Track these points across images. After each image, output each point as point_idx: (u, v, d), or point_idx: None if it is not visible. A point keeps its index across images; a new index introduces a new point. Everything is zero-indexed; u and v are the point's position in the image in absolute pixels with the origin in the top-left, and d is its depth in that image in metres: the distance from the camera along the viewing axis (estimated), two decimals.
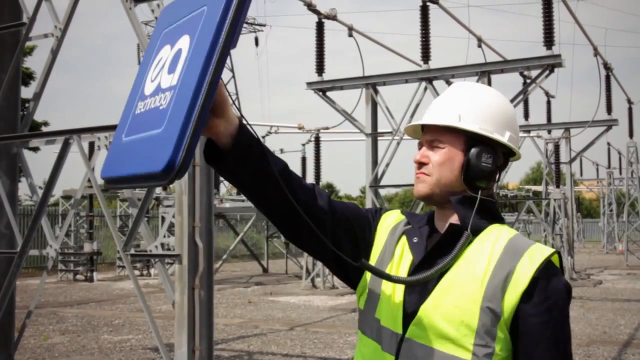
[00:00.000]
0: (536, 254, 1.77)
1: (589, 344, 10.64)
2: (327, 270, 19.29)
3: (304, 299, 17.08)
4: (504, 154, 1.94)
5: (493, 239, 1.82)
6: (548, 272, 1.75)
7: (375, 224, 2.03)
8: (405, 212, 2.06)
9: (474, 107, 1.92)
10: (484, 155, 1.88)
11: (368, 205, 15.13)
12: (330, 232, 1.89)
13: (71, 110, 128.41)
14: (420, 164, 1.92)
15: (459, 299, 1.75)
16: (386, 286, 1.88)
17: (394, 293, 1.86)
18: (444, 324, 1.74)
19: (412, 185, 1.99)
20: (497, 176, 1.94)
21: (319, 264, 19.14)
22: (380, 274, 1.78)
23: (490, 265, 1.76)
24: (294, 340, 11.19)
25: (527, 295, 1.73)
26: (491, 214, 1.90)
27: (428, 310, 1.78)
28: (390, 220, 2.03)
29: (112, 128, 6.74)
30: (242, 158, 1.70)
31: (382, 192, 15.07)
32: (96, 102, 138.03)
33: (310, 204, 1.85)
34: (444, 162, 1.89)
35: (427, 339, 1.76)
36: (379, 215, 2.06)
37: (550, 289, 1.75)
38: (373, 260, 1.96)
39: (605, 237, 42.57)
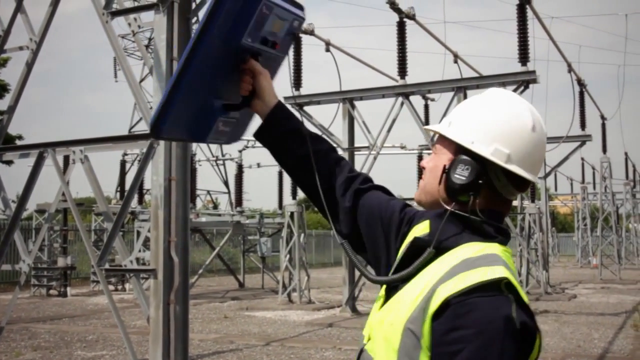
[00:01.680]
0: (469, 277, 1.59)
1: (564, 358, 10.70)
2: (303, 285, 19.24)
3: (280, 314, 17.01)
4: (507, 172, 1.76)
5: (451, 258, 1.69)
6: (469, 300, 1.55)
7: (404, 232, 1.98)
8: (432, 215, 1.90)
9: (468, 115, 1.83)
10: (459, 167, 1.76)
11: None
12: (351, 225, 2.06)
13: (46, 124, 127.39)
14: (423, 169, 1.91)
15: (394, 317, 1.68)
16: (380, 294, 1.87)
17: (377, 302, 1.85)
18: (381, 341, 1.70)
19: None
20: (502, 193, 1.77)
21: (296, 279, 19.09)
22: (358, 268, 1.84)
23: (428, 284, 1.65)
24: (270, 356, 11.13)
25: (436, 319, 1.58)
26: (478, 231, 1.75)
27: (375, 324, 1.75)
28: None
29: (87, 142, 6.70)
30: (272, 134, 2.11)
31: None
32: (72, 115, 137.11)
33: (337, 194, 2.06)
34: (432, 170, 1.84)
35: (374, 352, 1.73)
36: (409, 224, 1.99)
37: (464, 319, 1.54)
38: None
39: (580, 252, 42.94)
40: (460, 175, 1.76)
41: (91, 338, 13.07)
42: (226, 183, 38.87)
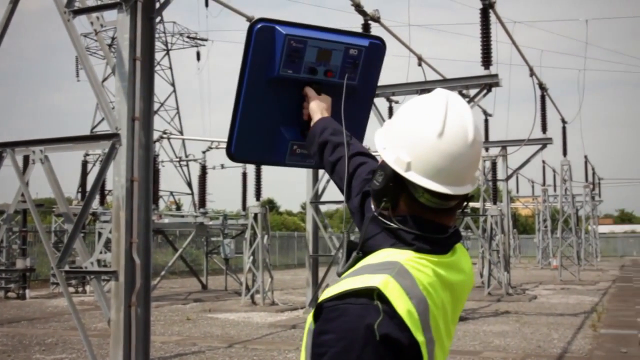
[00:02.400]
0: (347, 283, 1.61)
1: (524, 358, 10.84)
2: (267, 287, 19.19)
3: (243, 316, 16.94)
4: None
5: (365, 260, 1.72)
6: (340, 305, 1.58)
7: None
8: None
9: (392, 120, 1.84)
10: (378, 172, 1.79)
11: (309, 221, 15.16)
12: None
13: (5, 124, 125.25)
14: None
15: (309, 317, 1.70)
16: None
17: None
18: (303, 339, 1.73)
19: None
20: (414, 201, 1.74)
21: (259, 280, 19.03)
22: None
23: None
24: (232, 358, 11.07)
25: (315, 322, 1.63)
26: (397, 237, 1.74)
27: (309, 316, 1.77)
28: None
29: (47, 142, 6.60)
30: (311, 147, 2.39)
31: (323, 208, 15.13)
32: (32, 115, 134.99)
33: (352, 194, 2.17)
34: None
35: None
36: None
37: (331, 324, 1.57)
38: None
39: (540, 253, 43.57)
40: (376, 180, 1.79)
41: (50, 341, 12.87)
42: (189, 184, 38.67)
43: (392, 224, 1.75)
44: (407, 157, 1.71)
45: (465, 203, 1.81)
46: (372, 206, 1.83)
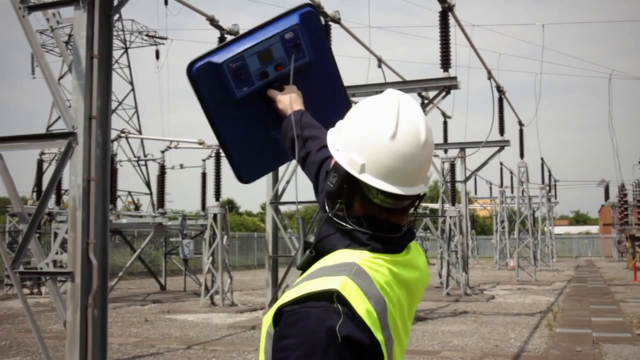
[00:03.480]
0: (306, 286, 1.61)
1: (482, 357, 10.96)
2: (226, 287, 19.09)
3: (202, 317, 16.83)
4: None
5: (318, 263, 1.72)
6: (299, 309, 1.58)
7: None
8: None
9: (345, 120, 1.84)
10: (332, 173, 1.79)
11: (269, 222, 15.13)
12: None
13: None
14: None
15: (268, 316, 1.70)
16: None
17: None
18: (260, 339, 1.74)
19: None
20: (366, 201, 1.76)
21: (218, 281, 18.93)
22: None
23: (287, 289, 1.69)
24: (191, 359, 10.99)
25: (275, 326, 1.63)
26: (351, 237, 1.75)
27: (264, 318, 1.77)
28: None
29: (1, 140, 6.46)
30: (283, 144, 2.44)
31: (283, 208, 15.11)
32: None
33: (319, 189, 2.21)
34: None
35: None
36: None
37: (292, 328, 1.57)
38: None
39: (498, 254, 44.13)
40: (330, 182, 1.79)
41: (4, 344, 12.62)
42: (148, 184, 38.31)
43: (347, 225, 1.75)
44: (360, 159, 1.72)
45: (417, 202, 1.83)
46: (326, 206, 1.82)
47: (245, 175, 2.61)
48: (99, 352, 6.05)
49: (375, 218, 1.76)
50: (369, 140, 1.73)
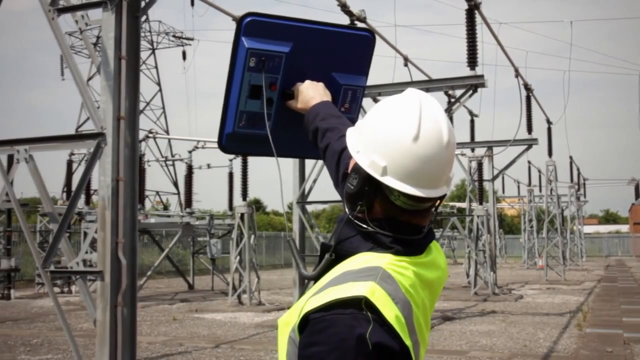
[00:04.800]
0: (332, 293, 1.59)
1: (510, 357, 10.88)
2: (253, 287, 19.16)
3: (230, 316, 16.91)
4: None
5: (341, 267, 1.70)
6: (327, 316, 1.55)
7: None
8: None
9: (365, 121, 1.82)
10: (352, 175, 1.77)
11: (295, 221, 15.16)
12: None
13: None
14: None
15: (286, 322, 1.70)
16: None
17: None
18: (279, 344, 1.73)
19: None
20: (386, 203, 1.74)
21: (246, 280, 19.00)
22: (296, 261, 1.95)
23: (310, 294, 1.66)
24: (219, 358, 11.05)
25: (301, 333, 1.60)
26: (374, 240, 1.73)
27: (280, 325, 1.76)
28: None
29: (32, 141, 6.55)
30: (306, 135, 2.36)
31: (310, 208, 15.11)
32: (17, 114, 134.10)
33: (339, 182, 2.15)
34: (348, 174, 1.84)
35: (278, 353, 1.76)
36: None
37: (320, 336, 1.55)
38: None
39: (526, 253, 43.75)
40: (350, 184, 1.77)
41: (36, 342, 12.79)
42: (176, 184, 38.54)
43: (368, 228, 1.73)
44: (382, 161, 1.70)
45: (439, 203, 1.81)
46: (346, 208, 1.80)
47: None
48: (129, 351, 6.11)
49: (397, 220, 1.74)
50: (390, 142, 1.71)
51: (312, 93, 2.40)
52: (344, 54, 2.55)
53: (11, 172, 6.85)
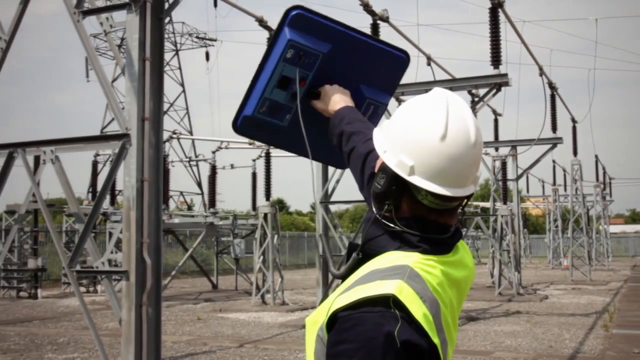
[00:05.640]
0: (360, 291, 1.59)
1: (535, 358, 10.80)
2: (277, 286, 19.20)
3: (253, 316, 16.96)
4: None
5: (368, 266, 1.70)
6: (355, 314, 1.56)
7: None
8: None
9: (391, 121, 1.82)
10: (379, 174, 1.78)
11: (319, 221, 15.17)
12: None
13: (16, 124, 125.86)
14: None
15: (314, 320, 1.71)
16: None
17: None
18: (306, 342, 1.74)
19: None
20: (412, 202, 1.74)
21: (269, 280, 19.05)
22: (326, 260, 1.91)
23: (338, 292, 1.67)
24: (243, 358, 11.09)
25: (330, 331, 1.61)
26: (401, 239, 1.73)
27: (307, 324, 1.76)
28: None
29: (58, 142, 6.62)
30: (330, 140, 2.39)
31: (333, 208, 15.10)
32: (42, 115, 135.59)
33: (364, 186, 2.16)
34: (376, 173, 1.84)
35: (305, 352, 1.77)
36: None
37: (348, 334, 1.56)
38: None
39: (551, 253, 43.38)
40: (378, 183, 1.77)
41: (62, 341, 12.93)
42: (199, 184, 38.76)
43: (396, 227, 1.74)
44: (409, 160, 1.70)
45: (466, 202, 1.80)
46: (373, 208, 1.80)
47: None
48: (154, 350, 6.16)
49: (425, 219, 1.74)
50: (418, 141, 1.71)
51: (337, 97, 2.42)
52: (377, 68, 2.56)
53: (38, 173, 6.93)
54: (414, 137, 1.72)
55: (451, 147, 1.69)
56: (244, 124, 2.50)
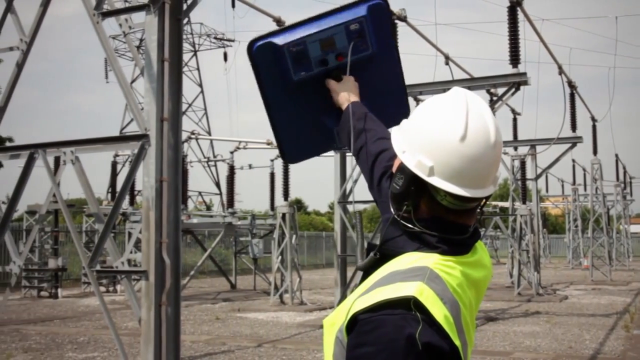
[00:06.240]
0: (380, 293, 1.58)
1: (555, 359, 10.73)
2: (295, 286, 19.22)
3: (272, 315, 16.99)
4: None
5: (387, 268, 1.69)
6: (376, 317, 1.55)
7: None
8: None
9: (410, 121, 1.81)
10: (397, 175, 1.77)
11: (337, 221, 15.17)
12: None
13: (36, 125, 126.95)
14: None
15: (332, 322, 1.70)
16: None
17: None
18: (325, 344, 1.74)
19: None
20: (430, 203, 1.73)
21: (288, 280, 19.07)
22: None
23: (357, 294, 1.65)
24: (262, 357, 11.11)
25: (349, 333, 1.59)
26: (420, 240, 1.72)
27: (325, 325, 1.76)
28: None
29: (77, 143, 6.67)
30: (341, 137, 2.43)
31: (351, 207, 15.09)
32: (62, 116, 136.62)
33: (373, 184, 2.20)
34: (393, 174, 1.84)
35: (324, 352, 1.77)
36: None
37: (369, 336, 1.54)
38: None
39: (571, 253, 43.07)
40: (396, 184, 1.76)
41: (82, 340, 13.02)
42: (218, 184, 38.87)
43: (414, 227, 1.73)
44: (429, 161, 1.69)
45: (484, 202, 1.79)
46: (392, 208, 1.80)
47: (289, 156, 2.64)
48: (173, 349, 6.19)
49: (444, 220, 1.73)
50: (437, 142, 1.69)
51: (354, 90, 2.45)
52: (384, 101, 2.61)
53: (58, 174, 6.99)
54: (433, 137, 1.70)
55: (471, 147, 1.67)
56: (261, 50, 2.44)
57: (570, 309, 17.75)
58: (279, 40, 2.41)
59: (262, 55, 2.43)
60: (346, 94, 2.43)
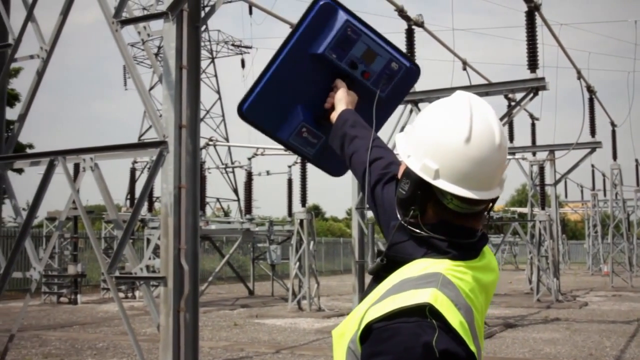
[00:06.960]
0: (394, 302, 1.57)
1: None
2: (313, 292, 19.21)
3: (290, 322, 16.99)
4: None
5: (398, 275, 1.67)
6: (391, 325, 1.54)
7: None
8: None
9: (415, 125, 1.81)
10: (403, 180, 1.76)
11: (355, 227, 15.16)
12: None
13: (56, 132, 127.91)
14: None
15: (343, 332, 1.69)
16: None
17: None
18: (336, 355, 1.72)
19: None
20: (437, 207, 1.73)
21: (305, 286, 19.06)
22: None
23: (369, 303, 1.64)
24: None
25: (363, 343, 1.58)
26: (429, 245, 1.72)
27: (335, 336, 1.75)
28: None
29: (97, 150, 6.72)
30: (333, 139, 2.39)
31: (369, 213, 15.07)
32: (82, 124, 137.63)
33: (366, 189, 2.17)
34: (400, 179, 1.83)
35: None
36: None
37: (385, 345, 1.53)
38: None
39: (591, 259, 42.70)
40: (402, 189, 1.75)
41: (101, 345, 13.09)
42: (236, 190, 39.01)
43: (422, 232, 1.72)
44: (434, 164, 1.69)
45: (491, 205, 1.79)
46: (398, 214, 1.79)
47: (248, 111, 2.53)
48: (191, 355, 6.20)
49: (451, 224, 1.72)
50: (442, 145, 1.69)
51: (348, 98, 2.46)
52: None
53: (77, 180, 7.04)
54: (437, 140, 1.70)
55: (476, 149, 1.67)
56: (326, 7, 2.46)
57: (590, 316, 17.60)
58: (346, 15, 2.46)
59: (323, 13, 2.45)
60: (345, 100, 2.44)
